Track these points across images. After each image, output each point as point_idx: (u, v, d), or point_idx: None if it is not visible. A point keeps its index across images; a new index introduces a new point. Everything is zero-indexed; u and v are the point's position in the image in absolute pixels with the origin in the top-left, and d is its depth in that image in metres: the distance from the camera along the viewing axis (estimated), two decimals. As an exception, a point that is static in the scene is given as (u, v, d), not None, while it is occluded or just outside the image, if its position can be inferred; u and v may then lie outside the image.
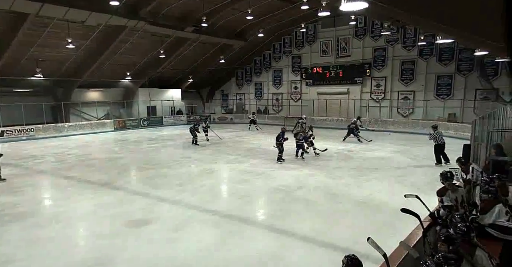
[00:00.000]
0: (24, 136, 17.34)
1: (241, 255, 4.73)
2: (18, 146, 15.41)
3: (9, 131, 16.96)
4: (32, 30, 14.73)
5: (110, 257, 4.70)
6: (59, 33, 15.50)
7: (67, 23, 14.94)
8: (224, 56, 23.46)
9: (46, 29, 15.12)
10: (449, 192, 4.26)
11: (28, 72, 17.54)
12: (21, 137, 17.20)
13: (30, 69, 17.36)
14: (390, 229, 5.30)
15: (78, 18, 14.67)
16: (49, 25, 14.93)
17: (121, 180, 8.98)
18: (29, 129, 17.62)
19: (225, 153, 12.75)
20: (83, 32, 16.33)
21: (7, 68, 16.50)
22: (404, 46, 19.94)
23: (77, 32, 15.93)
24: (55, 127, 18.83)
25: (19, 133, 17.26)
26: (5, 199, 7.38)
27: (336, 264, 4.44)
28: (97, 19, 15.07)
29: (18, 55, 16.13)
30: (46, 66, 17.83)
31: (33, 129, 17.78)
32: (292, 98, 25.35)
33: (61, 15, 14.04)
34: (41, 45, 16.24)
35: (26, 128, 17.54)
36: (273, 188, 8.07)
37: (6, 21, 13.99)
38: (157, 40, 19.35)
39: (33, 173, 10.14)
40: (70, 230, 5.78)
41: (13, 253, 4.82)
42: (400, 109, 20.63)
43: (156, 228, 5.73)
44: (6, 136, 16.74)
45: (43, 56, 17.25)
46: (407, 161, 11.21)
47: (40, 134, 17.93)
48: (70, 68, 19.28)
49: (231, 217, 6.20)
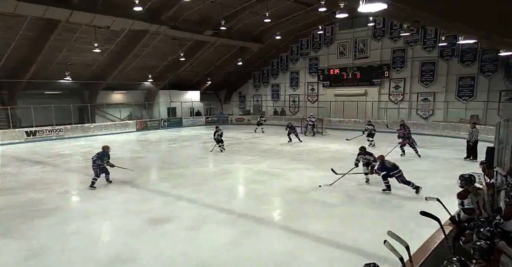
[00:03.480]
0: (54, 136, 18.08)
1: (256, 254, 4.72)
2: (48, 145, 16.08)
3: (41, 131, 17.74)
4: (62, 36, 15.37)
5: (131, 253, 4.81)
6: (86, 38, 16.10)
7: (93, 29, 15.50)
8: (241, 58, 23.58)
9: (74, 34, 15.75)
10: (471, 195, 4.07)
11: (58, 75, 18.31)
12: (51, 137, 17.95)
13: (59, 73, 18.11)
14: (408, 233, 5.12)
15: (104, 23, 15.17)
16: (77, 31, 15.54)
17: (141, 179, 9.18)
18: (58, 129, 18.36)
19: (241, 154, 12.78)
20: (108, 37, 16.87)
21: (39, 71, 17.29)
22: (424, 47, 19.34)
23: (103, 37, 16.49)
24: (82, 128, 19.53)
25: (49, 133, 18.01)
26: (35, 195, 7.70)
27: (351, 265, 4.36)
28: (121, 24, 15.53)
29: (49, 59, 16.86)
30: (74, 69, 18.54)
31: (62, 129, 18.51)
32: (308, 99, 25.13)
33: (89, 21, 14.57)
34: (70, 50, 16.93)
35: (56, 128, 18.29)
36: (288, 189, 8.01)
37: (39, 28, 14.66)
38: (177, 44, 19.71)
39: (61, 171, 10.54)
40: (95, 226, 5.95)
41: (42, 248, 5.01)
42: (419, 110, 20.01)
43: (174, 226, 5.81)
44: (38, 135, 17.52)
45: (72, 60, 17.94)
46: (426, 163, 10.82)
47: (68, 134, 18.65)
48: (96, 71, 19.96)
49: (247, 216, 6.21)
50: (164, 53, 20.63)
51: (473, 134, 10.74)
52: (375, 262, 2.29)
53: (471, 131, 10.84)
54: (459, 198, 4.15)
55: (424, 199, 4.16)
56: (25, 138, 17.02)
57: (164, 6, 15.90)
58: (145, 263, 4.54)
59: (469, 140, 10.89)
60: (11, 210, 6.69)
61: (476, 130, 10.89)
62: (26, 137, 17.12)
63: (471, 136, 10.81)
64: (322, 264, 4.49)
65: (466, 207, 3.94)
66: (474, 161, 10.47)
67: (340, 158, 11.78)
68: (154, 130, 22.29)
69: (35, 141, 17.04)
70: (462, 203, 4.05)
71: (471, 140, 10.82)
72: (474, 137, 10.75)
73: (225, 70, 25.86)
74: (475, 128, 10.93)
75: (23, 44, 15.37)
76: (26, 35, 14.84)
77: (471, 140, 10.81)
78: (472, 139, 10.78)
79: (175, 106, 25.56)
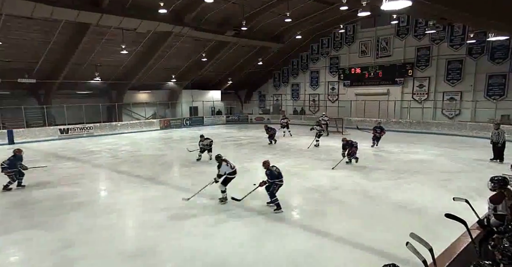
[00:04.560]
0: (84, 134, 18.90)
1: (275, 252, 4.72)
2: (79, 142, 16.83)
3: (73, 128, 18.61)
4: (92, 38, 16.03)
5: (153, 247, 4.95)
6: (114, 40, 16.69)
7: (121, 31, 16.04)
8: (262, 58, 23.58)
9: (104, 37, 16.38)
10: (506, 199, 3.76)
11: (88, 76, 19.11)
12: (82, 134, 18.78)
13: (90, 73, 18.90)
14: (431, 235, 4.92)
15: (130, 26, 15.67)
16: (106, 34, 16.14)
17: (164, 176, 9.40)
18: (88, 127, 19.18)
19: (261, 153, 12.79)
20: (134, 39, 17.41)
21: (71, 73, 18.13)
22: (451, 44, 18.53)
23: (130, 39, 17.02)
24: (109, 126, 20.28)
25: (80, 130, 18.85)
26: (66, 189, 8.09)
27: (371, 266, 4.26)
28: (147, 26, 15.98)
29: (81, 61, 17.64)
30: (103, 70, 19.28)
31: (92, 127, 19.32)
32: (329, 99, 24.76)
33: (117, 24, 15.10)
34: (99, 52, 17.62)
35: (86, 126, 19.12)
36: (308, 188, 7.94)
37: (72, 31, 15.38)
38: (199, 45, 20.01)
39: (90, 166, 11.00)
40: (121, 220, 6.18)
41: (73, 239, 5.26)
42: (445, 110, 19.20)
43: (195, 222, 5.91)
44: (70, 133, 18.39)
45: (101, 61, 18.67)
46: (451, 164, 10.38)
47: (97, 131, 19.42)
48: (123, 72, 20.66)
49: (266, 215, 6.21)
50: (187, 53, 21.00)
51: (500, 135, 10.25)
52: (394, 263, 2.23)
53: (495, 132, 10.36)
54: (493, 202, 3.77)
55: (452, 200, 3.96)
56: (58, 135, 17.91)
57: (187, 8, 16.18)
58: (166, 257, 4.65)
59: (496, 142, 10.35)
60: (46, 203, 7.07)
61: (502, 130, 10.40)
62: (60, 134, 18.02)
63: (497, 137, 10.30)
64: (342, 264, 4.42)
65: (499, 213, 3.62)
66: (501, 163, 10.05)
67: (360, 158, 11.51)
68: (177, 129, 22.77)
69: (67, 138, 17.91)
70: (495, 208, 3.69)
71: (499, 141, 10.30)
72: (502, 138, 10.25)
73: (245, 70, 25.96)
74: (500, 129, 10.42)
75: (58, 47, 16.18)
76: (60, 39, 15.61)
77: (499, 141, 10.30)
78: (500, 140, 10.29)
79: (197, 105, 26.00)
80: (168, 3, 14.29)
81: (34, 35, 14.94)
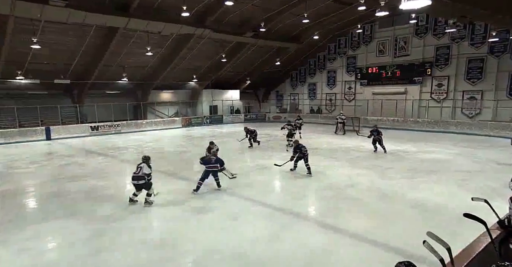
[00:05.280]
0: (112, 131, 19.57)
1: (292, 247, 4.71)
2: (108, 138, 17.44)
3: (102, 126, 19.31)
4: (120, 41, 16.52)
5: (175, 238, 5.08)
6: (140, 43, 17.12)
7: (147, 34, 16.43)
8: (279, 58, 23.46)
9: (130, 40, 16.83)
10: None
11: (116, 76, 19.74)
12: (110, 131, 19.44)
13: (118, 74, 19.51)
14: (449, 234, 4.75)
15: (155, 29, 16.00)
16: (133, 37, 16.59)
17: (186, 171, 9.58)
18: (116, 125, 19.83)
19: (277, 151, 12.75)
20: (158, 41, 17.77)
21: (101, 74, 18.78)
22: (472, 43, 17.68)
23: (154, 42, 17.40)
24: (135, 123, 20.88)
25: (109, 128, 19.53)
26: (97, 182, 8.42)
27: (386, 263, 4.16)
28: (170, 29, 16.27)
29: (110, 62, 18.23)
30: (130, 71, 19.84)
31: (119, 124, 19.96)
32: (345, 98, 24.31)
33: (143, 27, 15.48)
34: (126, 54, 18.14)
35: (114, 124, 19.79)
36: (324, 185, 7.86)
37: (102, 35, 15.92)
38: (219, 46, 20.16)
39: (118, 161, 11.39)
40: (145, 212, 6.35)
41: (104, 228, 5.49)
42: (465, 109, 18.40)
43: (214, 216, 6.00)
44: (100, 130, 19.10)
45: (128, 62, 19.22)
46: (470, 164, 9.95)
47: (124, 129, 20.05)
48: (148, 73, 21.17)
49: (283, 210, 6.21)
50: (208, 54, 21.22)
51: None
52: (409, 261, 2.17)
53: None
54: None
55: (471, 200, 3.80)
56: (90, 132, 18.65)
57: (209, 11, 16.33)
58: (186, 249, 4.74)
59: None
60: (78, 195, 7.40)
61: None
62: (91, 131, 18.75)
63: None
64: (357, 260, 4.36)
65: None
66: None
67: (377, 156, 11.28)
68: (198, 126, 23.12)
69: (97, 135, 18.61)
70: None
71: None
72: None
73: (263, 70, 25.92)
74: None
75: (89, 50, 16.80)
76: (91, 42, 16.19)
77: None
78: None
79: (217, 104, 26.28)
80: (191, 6, 14.47)
81: (68, 39, 15.59)
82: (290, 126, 13.69)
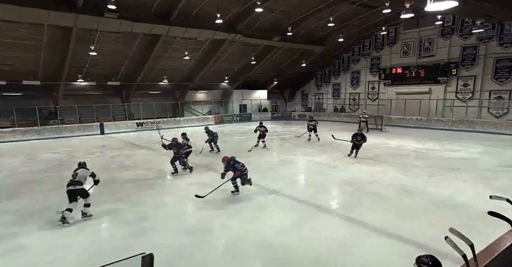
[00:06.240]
0: (154, 127, 20.45)
1: (314, 238, 4.68)
2: (150, 134, 18.25)
3: (145, 122, 20.27)
4: (161, 47, 17.17)
5: (208, 224, 5.23)
6: (179, 48, 17.68)
7: (184, 40, 16.91)
8: (305, 60, 23.08)
9: (170, 45, 17.43)
10: None
11: (158, 78, 20.57)
12: (152, 127, 20.33)
13: (159, 76, 20.33)
14: (472, 232, 4.46)
15: (192, 35, 16.43)
16: (173, 43, 17.16)
17: (216, 164, 9.74)
18: (157, 122, 20.70)
19: (302, 147, 12.63)
20: (194, 46, 18.24)
21: (145, 76, 19.69)
22: (500, 43, 16.24)
23: (190, 47, 17.88)
24: (174, 120, 21.66)
25: (151, 124, 20.45)
26: (141, 172, 8.89)
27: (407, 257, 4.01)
28: (205, 35, 16.62)
29: (153, 66, 19.04)
30: (169, 73, 20.58)
31: (160, 121, 20.81)
32: (369, 97, 23.41)
33: (182, 34, 15.96)
34: (167, 58, 18.82)
35: (156, 121, 20.67)
36: (346, 180, 7.67)
37: (147, 42, 16.64)
38: (249, 49, 20.24)
39: (158, 154, 11.88)
40: (182, 200, 6.61)
41: (147, 213, 5.79)
42: (491, 109, 16.98)
43: (243, 206, 6.09)
44: (144, 126, 20.07)
45: (168, 66, 19.94)
46: (495, 163, 9.20)
47: (165, 125, 20.86)
48: (185, 75, 21.81)
49: (306, 203, 6.16)
50: (238, 57, 21.41)
51: None
52: (432, 255, 2.07)
53: None
54: None
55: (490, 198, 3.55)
56: (135, 128, 19.66)
57: (240, 17, 16.45)
58: (217, 235, 4.87)
59: None
60: (126, 183, 7.85)
61: None
62: (136, 127, 19.76)
63: None
64: (379, 253, 4.23)
65: None
66: None
67: (399, 154, 10.79)
68: (229, 124, 23.47)
69: (142, 130, 19.57)
70: None
71: None
72: None
73: (290, 71, 25.67)
74: None
75: (136, 55, 17.66)
76: (137, 49, 17.01)
77: None
78: None
79: (246, 103, 26.49)
80: (224, 13, 14.67)
81: (118, 46, 16.49)
82: (263, 127, 12.42)
